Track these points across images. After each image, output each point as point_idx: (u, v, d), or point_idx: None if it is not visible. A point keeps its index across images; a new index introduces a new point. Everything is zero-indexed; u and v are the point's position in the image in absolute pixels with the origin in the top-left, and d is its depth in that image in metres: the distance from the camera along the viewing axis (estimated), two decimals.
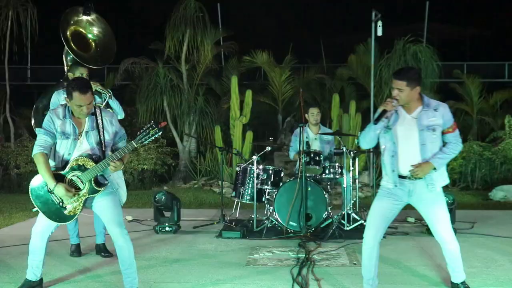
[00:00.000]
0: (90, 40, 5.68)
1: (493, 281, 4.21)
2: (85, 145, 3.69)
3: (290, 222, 5.99)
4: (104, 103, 4.90)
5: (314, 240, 5.63)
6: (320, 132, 6.71)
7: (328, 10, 25.27)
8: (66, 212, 3.66)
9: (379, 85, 11.92)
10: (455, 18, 24.04)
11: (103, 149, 3.70)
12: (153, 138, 3.58)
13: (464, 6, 24.61)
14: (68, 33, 5.48)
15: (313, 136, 6.70)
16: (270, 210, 6.18)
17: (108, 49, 5.73)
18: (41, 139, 3.65)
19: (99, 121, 3.72)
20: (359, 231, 5.97)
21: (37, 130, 3.70)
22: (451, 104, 13.80)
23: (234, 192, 6.52)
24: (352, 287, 4.08)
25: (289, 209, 5.95)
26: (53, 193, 3.61)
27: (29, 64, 21.32)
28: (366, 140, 3.76)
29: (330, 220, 6.07)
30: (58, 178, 3.59)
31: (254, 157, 6.29)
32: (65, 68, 6.09)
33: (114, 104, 4.99)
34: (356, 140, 7.37)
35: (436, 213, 3.65)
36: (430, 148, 3.58)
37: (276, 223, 6.13)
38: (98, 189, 3.64)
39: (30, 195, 3.71)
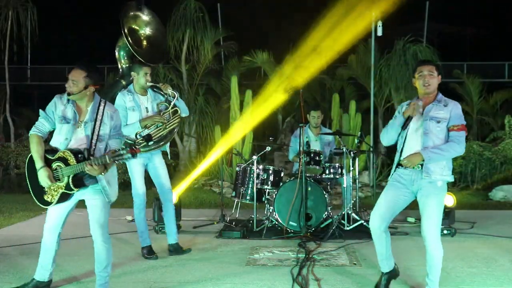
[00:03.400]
0: (142, 37, 5.59)
1: (493, 281, 4.21)
2: (81, 134, 3.69)
3: (290, 222, 5.99)
4: (172, 104, 4.98)
5: (314, 240, 5.63)
6: (321, 133, 6.71)
7: (328, 10, 25.22)
8: (45, 197, 3.67)
9: (379, 85, 11.92)
10: (455, 18, 24.03)
11: (96, 141, 3.68)
12: (123, 161, 3.53)
13: (464, 6, 24.59)
14: (126, 29, 5.43)
15: (313, 137, 6.71)
16: (270, 210, 6.18)
17: (158, 47, 5.64)
18: (40, 122, 3.72)
19: (100, 113, 3.71)
20: (359, 231, 6.00)
21: (40, 111, 3.75)
22: None
23: (234, 192, 6.52)
24: (352, 287, 4.08)
25: (289, 209, 5.95)
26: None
27: (29, 64, 21.32)
28: (389, 138, 3.84)
29: (330, 220, 6.07)
30: (46, 160, 3.63)
31: (254, 157, 6.30)
32: (119, 65, 6.01)
33: (181, 104, 5.11)
34: (356, 139, 7.37)
35: (428, 205, 3.63)
36: (433, 139, 3.61)
37: (276, 223, 6.13)
38: (73, 188, 3.58)
39: (25, 169, 3.75)
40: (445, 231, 5.91)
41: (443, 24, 22.73)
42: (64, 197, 3.66)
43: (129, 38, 5.42)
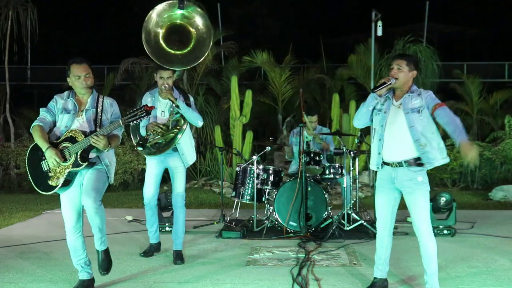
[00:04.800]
0: (189, 36, 4.92)
1: (493, 281, 4.21)
2: (82, 120, 3.87)
3: (290, 222, 6.00)
4: (173, 112, 4.76)
5: (314, 240, 5.63)
6: (322, 133, 6.70)
7: (328, 10, 25.28)
8: (50, 182, 3.75)
9: None
10: (455, 18, 24.04)
11: (100, 125, 3.83)
12: (139, 120, 3.69)
13: (464, 6, 24.61)
14: (161, 29, 4.81)
15: (306, 135, 6.68)
16: (270, 210, 6.18)
17: (201, 47, 4.96)
18: (41, 116, 3.87)
19: (100, 102, 3.91)
20: (359, 231, 6.00)
21: (41, 108, 3.91)
22: (451, 104, 13.84)
23: (234, 192, 6.52)
24: (352, 287, 4.08)
25: (289, 209, 5.95)
26: (45, 158, 3.73)
27: (29, 64, 21.31)
28: (358, 117, 3.92)
29: (330, 220, 6.07)
30: (51, 144, 3.74)
31: (254, 157, 6.30)
32: None
33: (187, 113, 4.75)
34: (356, 139, 7.37)
35: (414, 200, 3.69)
36: (420, 129, 3.64)
37: (276, 223, 6.14)
38: (81, 163, 3.69)
39: (26, 158, 3.88)
40: (445, 231, 5.91)
41: (443, 24, 22.73)
42: (69, 179, 3.73)
43: (161, 40, 4.88)
